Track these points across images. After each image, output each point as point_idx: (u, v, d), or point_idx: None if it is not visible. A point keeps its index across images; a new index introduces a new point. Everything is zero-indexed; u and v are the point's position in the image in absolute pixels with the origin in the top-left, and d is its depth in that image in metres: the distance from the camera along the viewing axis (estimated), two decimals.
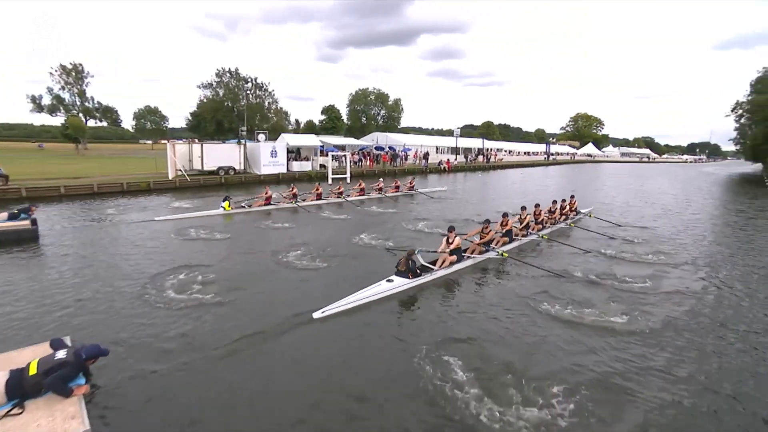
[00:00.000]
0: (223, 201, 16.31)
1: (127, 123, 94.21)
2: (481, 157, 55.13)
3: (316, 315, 6.81)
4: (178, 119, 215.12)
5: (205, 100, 69.00)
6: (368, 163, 37.59)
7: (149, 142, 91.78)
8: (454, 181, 34.73)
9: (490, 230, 10.79)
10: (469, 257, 9.87)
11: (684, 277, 9.80)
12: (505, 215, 11.65)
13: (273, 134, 55.17)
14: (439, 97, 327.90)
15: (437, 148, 65.18)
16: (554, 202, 14.92)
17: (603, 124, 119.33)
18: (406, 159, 41.96)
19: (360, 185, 21.60)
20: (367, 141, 63.03)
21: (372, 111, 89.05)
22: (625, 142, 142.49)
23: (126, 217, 15.29)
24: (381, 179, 24.57)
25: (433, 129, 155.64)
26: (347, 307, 7.13)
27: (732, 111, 59.65)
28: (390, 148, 49.63)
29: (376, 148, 51.33)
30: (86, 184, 21.11)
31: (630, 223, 16.22)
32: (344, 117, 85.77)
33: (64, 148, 66.19)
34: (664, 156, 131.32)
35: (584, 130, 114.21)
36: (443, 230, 11.61)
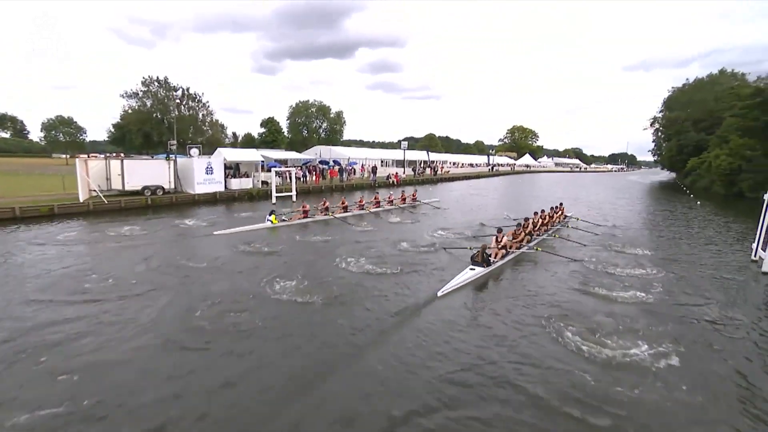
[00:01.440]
0: (270, 215, 17.49)
1: (36, 134, 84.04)
2: (428, 170, 54.94)
3: (440, 293, 9.27)
4: (98, 131, 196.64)
5: (130, 111, 62.95)
6: (314, 178, 35.46)
7: (65, 156, 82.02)
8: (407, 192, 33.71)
9: (521, 231, 13.87)
10: (512, 252, 12.60)
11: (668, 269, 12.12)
12: (526, 219, 14.79)
13: (209, 148, 51.27)
14: (379, 110, 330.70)
15: (382, 161, 64.41)
16: (551, 209, 18.53)
17: (538, 136, 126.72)
18: (353, 173, 40.40)
19: (375, 198, 23.14)
20: (309, 155, 60.72)
21: (313, 124, 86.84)
22: (556, 153, 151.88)
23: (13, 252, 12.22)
24: (391, 193, 26.05)
25: (374, 142, 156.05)
26: (456, 287, 9.72)
27: (651, 125, 65.33)
28: (334, 161, 48.00)
29: (321, 162, 49.45)
30: None
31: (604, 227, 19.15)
32: (285, 130, 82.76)
33: None
34: (592, 165, 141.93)
35: (521, 141, 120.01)
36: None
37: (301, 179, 35.03)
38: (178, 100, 63.23)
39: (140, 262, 11.57)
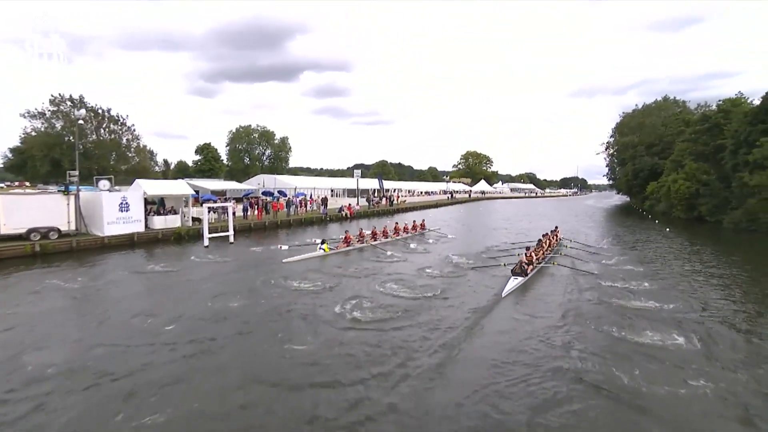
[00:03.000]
0: (322, 243, 19.45)
1: None
2: (384, 200, 52.88)
3: (504, 294, 12.81)
4: None
5: (33, 134, 55.81)
6: (256, 213, 31.95)
7: None
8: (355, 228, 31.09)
9: (540, 249, 17.93)
10: (537, 265, 16.07)
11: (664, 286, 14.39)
12: (540, 240, 19.49)
13: (135, 177, 46.55)
14: (326, 136, 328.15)
15: (332, 191, 61.96)
16: (550, 232, 22.18)
17: (492, 162, 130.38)
18: (302, 206, 37.30)
19: (396, 227, 25.58)
20: (251, 185, 57.16)
21: (256, 151, 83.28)
22: (510, 178, 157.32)
23: None
24: (407, 224, 27.71)
25: (323, 169, 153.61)
26: (511, 291, 13.21)
27: (605, 150, 68.31)
28: (280, 192, 44.99)
29: (264, 194, 46.21)
30: None
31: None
32: (224, 158, 78.39)
33: None
34: (547, 190, 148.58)
35: (475, 167, 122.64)
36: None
37: (242, 214, 31.54)
38: (82, 121, 56.85)
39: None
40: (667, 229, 32.14)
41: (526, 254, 15.52)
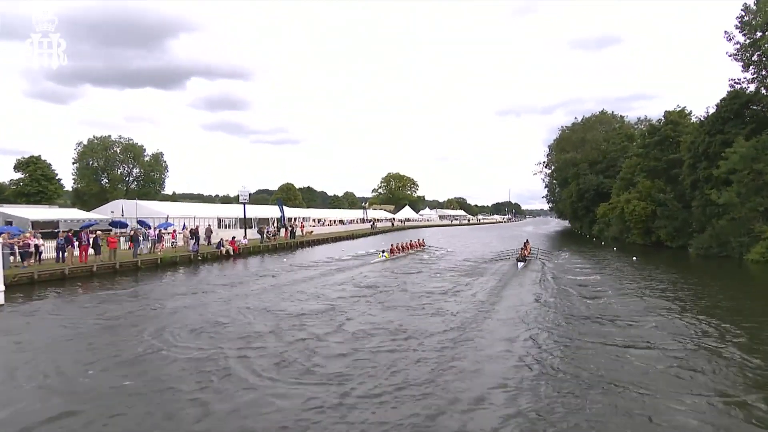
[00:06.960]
0: (383, 253, 30.17)
1: None
2: (283, 231, 46.52)
3: (518, 269, 24.77)
4: None
5: None
6: (78, 253, 23.88)
7: None
8: (241, 268, 24.72)
9: (527, 247, 30.98)
10: (527, 257, 28.48)
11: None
12: (525, 244, 32.29)
13: None
14: (221, 157, 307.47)
15: (220, 221, 55.57)
16: (526, 242, 34.24)
17: (417, 186, 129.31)
18: (160, 241, 29.69)
19: (410, 243, 35.87)
20: (102, 213, 49.54)
21: (118, 170, 73.06)
22: (438, 204, 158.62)
23: None
24: (414, 241, 37.52)
25: (217, 196, 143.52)
26: (521, 268, 25.18)
27: (545, 166, 68.66)
28: (140, 222, 37.42)
29: (114, 224, 38.36)
30: None
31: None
32: (68, 177, 67.32)
33: None
34: (479, 216, 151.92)
35: (398, 192, 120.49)
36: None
37: (56, 255, 23.53)
38: None
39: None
40: (634, 258, 30.23)
41: (521, 250, 28.80)
